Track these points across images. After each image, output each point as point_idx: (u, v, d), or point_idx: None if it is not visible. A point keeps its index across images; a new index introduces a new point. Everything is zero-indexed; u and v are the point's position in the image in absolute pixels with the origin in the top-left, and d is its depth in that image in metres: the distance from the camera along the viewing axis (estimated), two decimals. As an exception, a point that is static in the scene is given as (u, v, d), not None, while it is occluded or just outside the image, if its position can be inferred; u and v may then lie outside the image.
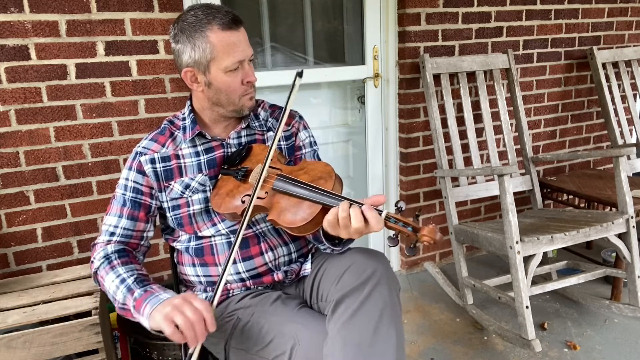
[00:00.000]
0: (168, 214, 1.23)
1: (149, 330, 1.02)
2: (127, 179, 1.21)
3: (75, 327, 1.50)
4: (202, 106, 1.24)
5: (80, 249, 2.00)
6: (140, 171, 1.21)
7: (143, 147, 1.23)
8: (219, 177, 1.22)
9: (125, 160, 1.99)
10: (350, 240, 1.16)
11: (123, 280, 1.10)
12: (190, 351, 0.99)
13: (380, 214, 1.00)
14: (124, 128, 1.97)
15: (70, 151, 1.91)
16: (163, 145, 1.23)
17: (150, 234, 1.26)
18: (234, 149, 1.26)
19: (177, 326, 0.95)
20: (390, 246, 1.03)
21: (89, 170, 1.95)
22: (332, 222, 1.02)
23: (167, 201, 1.21)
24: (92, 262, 1.18)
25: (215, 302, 1.03)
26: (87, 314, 1.53)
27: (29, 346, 1.46)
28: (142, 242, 1.24)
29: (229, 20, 1.12)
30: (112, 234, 1.20)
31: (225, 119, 1.26)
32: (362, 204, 1.01)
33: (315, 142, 1.37)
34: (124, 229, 1.20)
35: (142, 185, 1.21)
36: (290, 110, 1.36)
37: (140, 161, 1.21)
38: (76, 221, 1.97)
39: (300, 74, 1.15)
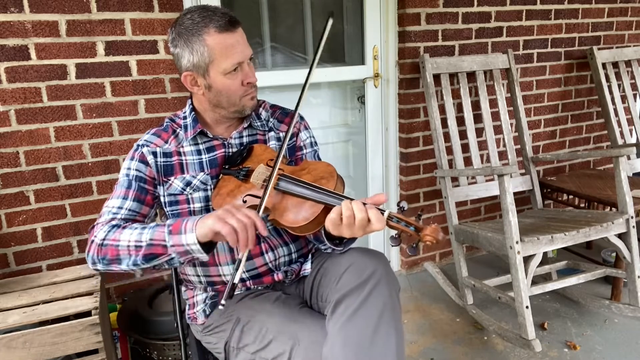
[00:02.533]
0: (165, 209, 1.22)
1: (192, 248, 1.00)
2: (129, 169, 1.19)
3: (75, 327, 1.49)
4: (203, 108, 1.24)
5: (80, 249, 2.00)
6: (143, 161, 1.19)
7: (145, 140, 1.22)
8: (220, 177, 1.22)
9: (125, 160, 1.99)
10: (352, 240, 1.16)
11: (145, 227, 1.05)
12: (239, 256, 1.02)
13: (382, 214, 1.00)
14: (124, 128, 1.97)
15: (70, 151, 1.91)
16: (166, 142, 1.23)
17: (149, 221, 1.22)
18: (235, 149, 1.26)
19: (231, 227, 0.96)
20: (392, 246, 1.03)
21: (89, 170, 1.95)
22: (335, 220, 1.02)
23: (164, 196, 1.21)
24: (92, 240, 1.08)
25: (261, 212, 1.06)
26: (87, 314, 1.53)
27: (29, 346, 1.46)
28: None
29: (226, 22, 1.12)
30: (116, 213, 1.13)
31: (227, 119, 1.26)
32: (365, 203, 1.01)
33: (315, 142, 1.37)
34: (129, 210, 1.15)
35: (145, 174, 1.19)
36: (291, 111, 1.36)
37: (142, 152, 1.20)
38: (76, 221, 1.97)
39: (332, 14, 1.16)
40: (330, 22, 1.15)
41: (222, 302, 0.99)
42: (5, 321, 1.48)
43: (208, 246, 1.03)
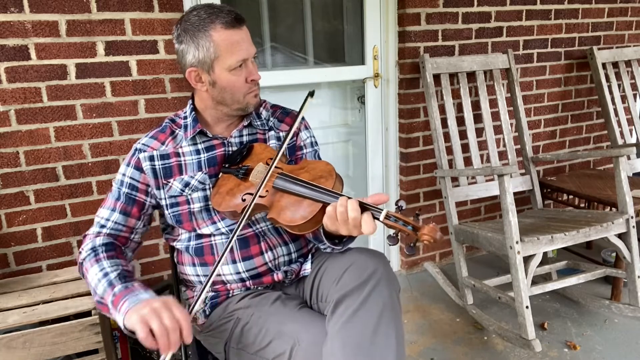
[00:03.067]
0: (166, 211, 1.23)
1: (123, 330, 1.00)
2: (124, 175, 1.22)
3: (75, 327, 1.50)
4: (205, 105, 1.24)
5: (80, 249, 2.00)
6: (138, 168, 1.21)
7: (142, 144, 1.23)
8: (219, 176, 1.22)
9: (125, 160, 1.99)
10: (351, 240, 1.16)
11: (106, 274, 1.08)
12: (162, 358, 0.95)
13: (380, 213, 1.00)
14: (124, 128, 1.97)
15: (70, 151, 1.91)
16: (163, 143, 1.23)
17: (141, 230, 1.25)
18: (235, 148, 1.26)
19: (151, 331, 0.92)
20: (390, 245, 1.03)
21: (89, 170, 1.95)
22: (331, 215, 1.02)
23: (165, 198, 1.21)
24: (80, 252, 1.17)
25: (193, 312, 1.02)
26: (87, 314, 1.53)
27: (29, 346, 1.46)
28: (132, 237, 1.23)
29: (232, 19, 1.13)
30: (103, 226, 1.19)
31: (229, 117, 1.26)
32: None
33: (316, 142, 1.37)
34: (115, 222, 1.19)
35: (138, 182, 1.21)
36: (292, 111, 1.36)
37: (138, 158, 1.21)
38: (76, 221, 1.97)
39: (312, 94, 1.17)
40: (310, 101, 1.18)
41: None
42: (5, 321, 1.48)
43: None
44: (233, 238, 1.07)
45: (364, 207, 1.01)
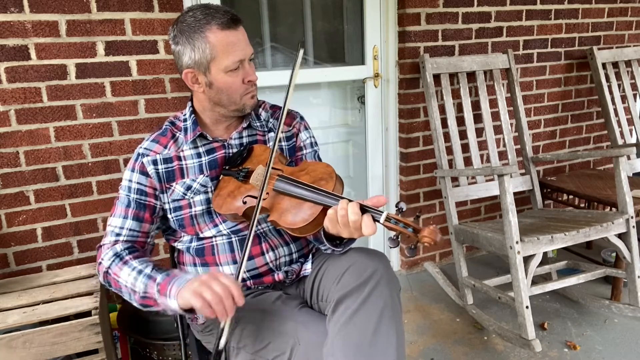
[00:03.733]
0: (169, 215, 1.23)
1: (177, 312, 1.03)
2: (130, 181, 1.21)
3: (75, 327, 1.50)
4: (203, 107, 1.24)
5: (80, 249, 2.00)
6: (144, 172, 1.20)
7: (145, 149, 1.23)
8: (220, 178, 1.22)
9: (125, 160, 1.99)
10: (351, 241, 1.16)
11: (140, 272, 1.09)
12: (221, 325, 1.01)
13: (380, 215, 1.00)
14: (124, 128, 1.97)
15: (70, 151, 1.91)
16: (165, 147, 1.23)
17: (155, 232, 1.25)
18: (235, 150, 1.26)
19: (206, 301, 0.96)
20: (390, 247, 1.03)
21: (89, 170, 1.95)
22: (332, 218, 1.03)
23: (168, 202, 1.21)
24: (100, 263, 1.16)
25: (239, 279, 1.05)
26: (87, 314, 1.53)
27: (29, 346, 1.46)
28: (149, 240, 1.24)
29: (228, 19, 1.12)
30: (118, 234, 1.18)
31: (227, 119, 1.26)
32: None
33: (316, 142, 1.37)
34: (130, 229, 1.19)
35: (145, 186, 1.20)
36: (292, 111, 1.36)
37: (142, 162, 1.21)
38: (76, 221, 1.97)
39: (302, 44, 1.16)
40: (301, 52, 1.18)
41: None
42: (5, 321, 1.48)
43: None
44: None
45: (364, 210, 1.01)
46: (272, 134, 1.30)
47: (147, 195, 1.20)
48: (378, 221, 1.01)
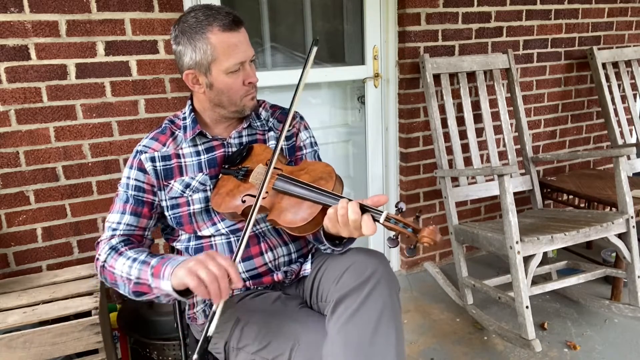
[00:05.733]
0: (167, 213, 1.23)
1: (172, 296, 1.00)
2: (128, 178, 1.21)
3: (75, 327, 1.50)
4: (203, 107, 1.24)
5: (80, 249, 2.00)
6: (142, 169, 1.21)
7: (144, 146, 1.23)
8: (219, 177, 1.22)
9: (125, 161, 1.99)
10: (351, 241, 1.16)
11: (135, 259, 1.08)
12: (213, 308, 0.99)
13: (380, 215, 1.00)
14: (124, 128, 1.97)
15: (70, 151, 1.91)
16: (164, 145, 1.23)
17: (153, 228, 1.25)
18: (234, 149, 1.26)
19: (200, 280, 0.93)
20: (390, 247, 1.03)
21: (89, 170, 1.95)
22: (332, 218, 1.02)
23: (166, 200, 1.21)
24: (97, 258, 1.15)
25: (237, 259, 1.03)
26: (87, 314, 1.53)
27: (29, 346, 1.46)
28: (146, 234, 1.23)
29: (230, 21, 1.12)
30: (115, 229, 1.18)
31: (227, 119, 1.26)
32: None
33: (315, 142, 1.37)
34: (127, 224, 1.18)
35: (143, 182, 1.20)
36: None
37: (140, 159, 1.21)
38: (76, 221, 1.97)
39: (316, 42, 1.14)
40: (315, 49, 1.15)
41: (195, 356, 0.99)
42: (5, 321, 1.48)
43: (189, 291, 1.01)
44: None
45: (364, 209, 1.01)
46: (272, 133, 1.31)
47: (144, 192, 1.20)
48: (378, 221, 1.00)
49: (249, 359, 1.13)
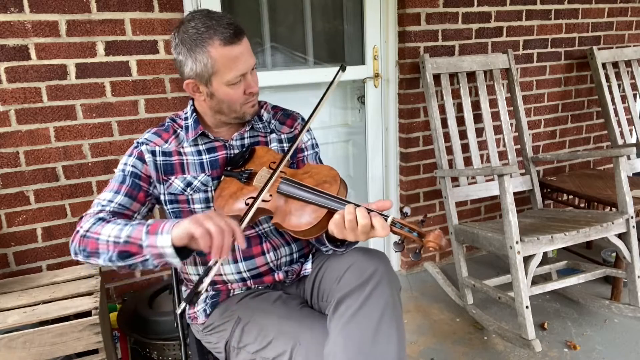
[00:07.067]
0: (166, 207, 1.22)
1: (165, 254, 0.97)
2: (125, 164, 1.19)
3: (75, 327, 1.49)
4: (204, 111, 1.24)
5: (80, 249, 1.99)
6: (140, 158, 1.20)
7: (145, 139, 1.22)
8: (222, 179, 1.22)
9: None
10: (353, 242, 1.16)
11: (127, 224, 1.04)
12: (210, 263, 0.98)
13: (386, 219, 1.00)
14: (124, 128, 1.97)
15: (70, 151, 1.91)
16: (166, 141, 1.23)
17: (144, 214, 1.22)
18: (236, 150, 1.26)
19: (206, 230, 0.93)
20: (395, 251, 1.03)
21: (89, 170, 1.95)
22: (338, 223, 1.02)
23: (164, 194, 1.21)
24: (78, 231, 1.09)
25: (243, 225, 1.03)
26: (87, 314, 1.53)
27: (29, 346, 1.46)
28: (135, 216, 1.20)
29: (230, 34, 1.09)
30: (105, 206, 1.14)
31: (228, 123, 1.26)
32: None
33: (316, 143, 1.37)
34: (119, 204, 1.15)
35: (140, 171, 1.19)
36: (293, 112, 1.36)
37: (141, 150, 1.20)
38: (76, 221, 1.97)
39: (344, 68, 1.14)
40: (341, 73, 1.15)
41: (182, 302, 0.97)
42: (5, 321, 1.48)
43: (184, 253, 1.00)
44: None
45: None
46: (274, 135, 1.30)
47: (140, 179, 1.19)
48: None
49: (249, 358, 1.13)
